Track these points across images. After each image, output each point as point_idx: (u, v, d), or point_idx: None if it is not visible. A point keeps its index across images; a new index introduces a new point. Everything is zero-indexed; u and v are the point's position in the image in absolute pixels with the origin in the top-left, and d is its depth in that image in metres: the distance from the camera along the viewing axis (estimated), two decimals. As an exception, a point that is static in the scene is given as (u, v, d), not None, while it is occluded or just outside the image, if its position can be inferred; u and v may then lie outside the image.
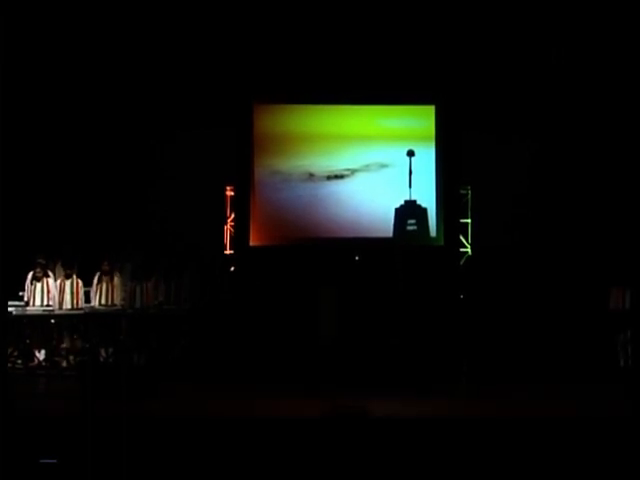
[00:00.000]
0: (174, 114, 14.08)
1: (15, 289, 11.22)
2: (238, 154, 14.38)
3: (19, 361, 10.99)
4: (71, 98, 13.87)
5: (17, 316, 10.71)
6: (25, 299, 11.25)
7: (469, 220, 14.61)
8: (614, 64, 13.14)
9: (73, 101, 13.92)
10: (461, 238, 14.56)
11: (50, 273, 11.81)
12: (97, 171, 14.32)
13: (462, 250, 14.49)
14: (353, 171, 14.30)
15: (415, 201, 14.28)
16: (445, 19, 13.31)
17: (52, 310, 10.92)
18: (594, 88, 13.71)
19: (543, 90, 13.97)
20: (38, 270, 11.17)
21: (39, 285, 11.14)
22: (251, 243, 14.14)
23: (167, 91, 13.94)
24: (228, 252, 14.16)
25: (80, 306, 11.02)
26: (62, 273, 11.36)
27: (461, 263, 13.81)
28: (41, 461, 7.03)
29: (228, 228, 14.64)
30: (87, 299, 11.44)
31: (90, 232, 13.88)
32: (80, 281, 11.17)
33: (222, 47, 13.69)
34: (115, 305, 11.12)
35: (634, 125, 7.69)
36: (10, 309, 10.52)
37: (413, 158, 14.27)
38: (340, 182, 14.32)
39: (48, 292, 11.12)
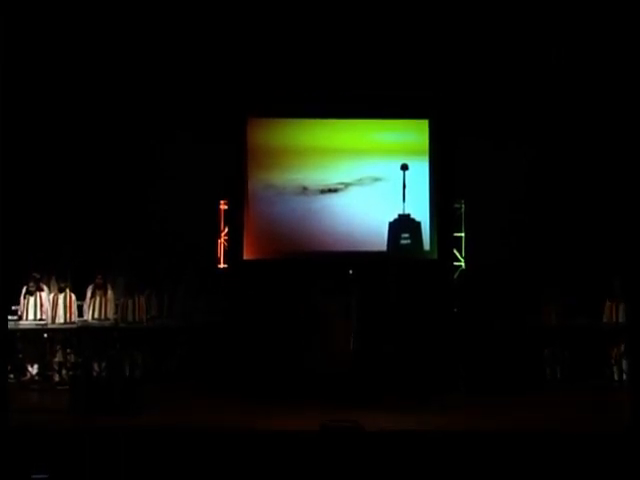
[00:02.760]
0: (167, 127, 14.08)
1: (8, 303, 11.17)
2: (232, 168, 14.38)
3: (12, 375, 10.95)
4: (64, 122, 13.96)
5: (10, 330, 10.65)
6: (19, 313, 11.21)
7: (463, 234, 14.63)
8: (608, 72, 13.18)
9: (68, 123, 14.00)
10: (455, 252, 14.58)
11: (44, 287, 11.78)
12: (89, 186, 14.35)
13: (456, 264, 14.50)
14: (347, 185, 14.32)
15: (409, 215, 14.29)
16: (438, 33, 13.35)
17: (45, 324, 10.87)
18: (587, 106, 13.76)
19: (538, 107, 14.02)
20: (31, 284, 11.12)
21: (32, 299, 11.09)
22: (245, 257, 14.13)
23: (159, 105, 13.94)
24: (222, 266, 14.13)
25: (73, 320, 10.98)
26: (55, 287, 11.31)
27: (455, 277, 13.81)
28: (33, 477, 6.99)
29: (222, 242, 14.62)
30: (80, 313, 11.39)
31: (83, 247, 13.87)
32: (73, 295, 11.13)
33: (216, 61, 13.70)
34: (108, 319, 11.08)
35: (630, 135, 7.71)
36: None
37: (407, 172, 14.30)
38: (334, 196, 14.33)
39: (41, 306, 11.07)
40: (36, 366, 11.13)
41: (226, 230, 14.61)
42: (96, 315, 11.11)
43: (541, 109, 13.96)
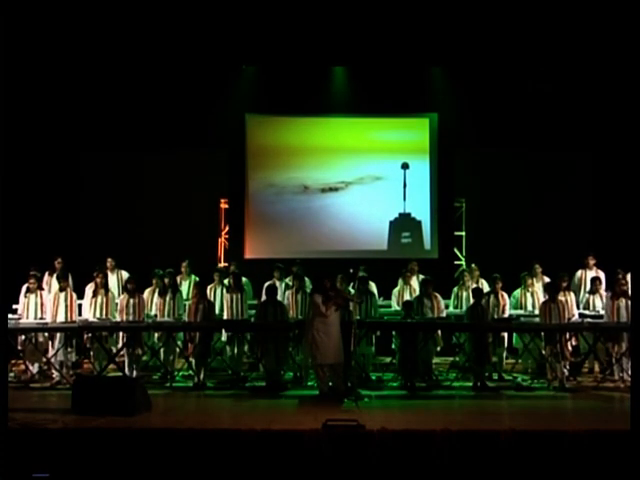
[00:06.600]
0: (167, 127, 14.07)
1: (8, 302, 11.16)
2: (232, 167, 14.40)
3: (12, 374, 10.95)
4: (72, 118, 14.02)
5: (10, 329, 10.65)
6: (19, 312, 11.20)
7: (463, 233, 14.64)
8: (606, 71, 13.27)
9: (74, 119, 14.06)
10: (455, 251, 14.58)
11: (44, 286, 11.78)
12: (92, 187, 14.42)
13: (456, 263, 14.50)
14: (347, 184, 14.33)
15: (409, 214, 14.31)
16: (439, 32, 13.36)
17: (46, 323, 10.86)
18: (590, 98, 13.77)
19: (537, 103, 14.02)
20: (32, 282, 11.11)
21: (33, 297, 11.08)
22: (246, 256, 14.15)
23: (162, 103, 13.95)
24: (222, 265, 14.12)
25: (74, 319, 10.96)
26: (56, 286, 11.30)
27: (455, 276, 13.80)
28: (34, 476, 6.99)
29: (222, 241, 14.63)
30: (81, 312, 11.38)
31: (86, 245, 13.90)
32: (74, 294, 11.12)
33: (216, 58, 13.71)
34: (109, 318, 11.07)
35: (629, 140, 7.74)
36: (4, 321, 10.44)
37: (407, 171, 14.31)
38: (334, 195, 14.35)
39: (42, 305, 11.06)
40: (37, 365, 11.12)
41: (227, 229, 14.64)
42: (97, 314, 11.09)
43: (538, 117, 13.98)
